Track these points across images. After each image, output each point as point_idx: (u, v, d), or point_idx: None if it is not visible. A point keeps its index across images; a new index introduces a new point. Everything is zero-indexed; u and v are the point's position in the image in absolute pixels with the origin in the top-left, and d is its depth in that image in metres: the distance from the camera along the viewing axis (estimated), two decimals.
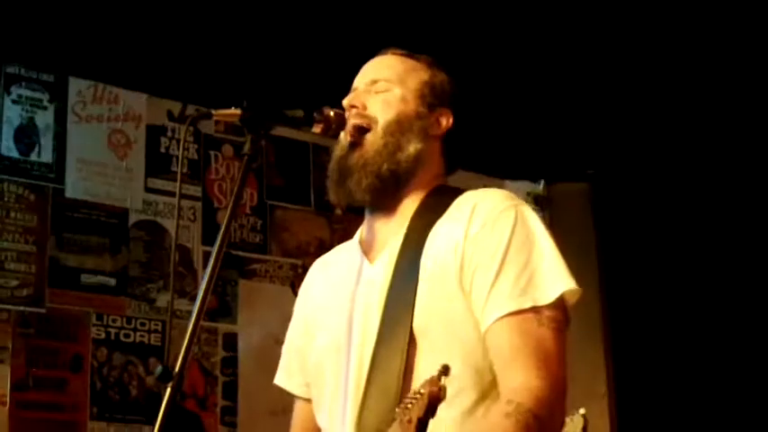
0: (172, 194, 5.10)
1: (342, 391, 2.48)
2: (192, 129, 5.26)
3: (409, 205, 2.57)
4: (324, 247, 5.57)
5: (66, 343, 4.80)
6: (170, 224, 5.08)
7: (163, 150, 5.20)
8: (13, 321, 4.67)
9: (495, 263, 2.37)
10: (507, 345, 2.31)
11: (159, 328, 4.97)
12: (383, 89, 2.60)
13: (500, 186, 3.95)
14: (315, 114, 2.50)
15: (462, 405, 2.34)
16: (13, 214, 4.75)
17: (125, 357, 4.91)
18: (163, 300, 4.97)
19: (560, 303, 2.37)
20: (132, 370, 4.90)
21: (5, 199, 4.75)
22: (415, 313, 2.39)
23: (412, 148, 2.56)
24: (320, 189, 5.80)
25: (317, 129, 2.52)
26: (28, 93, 4.89)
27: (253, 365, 5.24)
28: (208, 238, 5.08)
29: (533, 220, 2.47)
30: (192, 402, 4.95)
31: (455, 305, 2.40)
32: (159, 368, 2.10)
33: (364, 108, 2.57)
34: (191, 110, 5.13)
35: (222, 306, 5.22)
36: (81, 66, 5.00)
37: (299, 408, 2.81)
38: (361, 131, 2.56)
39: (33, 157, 4.85)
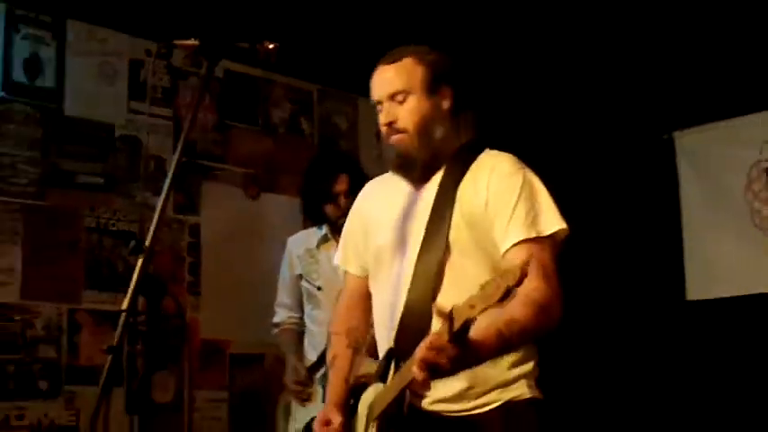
0: (148, 114, 5.11)
1: (395, 274, 2.69)
2: (164, 61, 5.24)
3: (443, 162, 2.74)
4: (269, 158, 5.66)
5: (65, 230, 4.80)
6: (146, 138, 5.09)
7: (142, 80, 5.15)
8: (22, 213, 4.64)
9: (510, 207, 2.59)
10: (520, 260, 2.42)
11: (138, 218, 4.98)
12: (402, 99, 2.69)
13: None
14: (257, 45, 2.52)
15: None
16: (22, 128, 4.72)
17: (112, 241, 4.92)
18: (141, 196, 4.98)
19: (555, 237, 2.61)
20: (117, 252, 4.92)
21: (16, 116, 4.71)
22: (451, 231, 2.61)
23: (438, 133, 2.72)
24: (266, 113, 5.88)
25: (260, 57, 2.54)
26: (34, 31, 4.82)
27: (212, 249, 5.30)
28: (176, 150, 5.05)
29: (534, 179, 2.68)
30: (166, 277, 4.96)
31: (479, 229, 2.61)
32: (132, 242, 2.19)
33: (396, 121, 2.69)
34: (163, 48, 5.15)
35: (188, 203, 5.25)
36: (77, 10, 4.93)
37: (350, 281, 2.99)
38: (401, 142, 2.70)
39: (38, 83, 4.80)
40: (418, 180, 2.76)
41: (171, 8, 4.86)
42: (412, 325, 2.54)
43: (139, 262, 2.18)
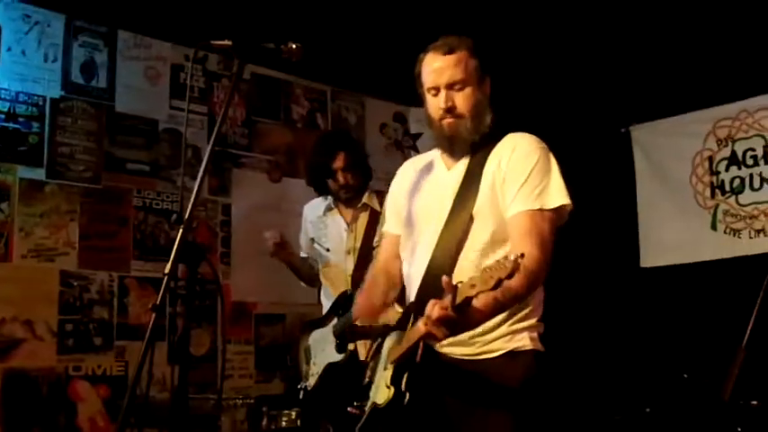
0: (187, 110, 5.05)
1: (424, 239, 2.64)
2: (201, 66, 5.20)
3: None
4: (289, 148, 5.62)
5: (116, 209, 4.77)
6: (185, 130, 5.04)
7: (182, 81, 5.08)
8: (80, 194, 4.63)
9: (522, 178, 2.52)
10: (522, 228, 2.48)
11: (178, 199, 4.92)
12: (460, 88, 2.61)
13: None
14: (282, 46, 2.45)
15: (496, 256, 2.46)
16: (80, 122, 4.68)
17: (156, 218, 4.90)
18: (180, 180, 4.92)
19: (559, 210, 2.54)
20: (160, 227, 4.90)
21: (75, 112, 4.67)
22: (476, 203, 2.55)
23: (487, 119, 2.66)
24: (287, 109, 5.84)
25: (284, 56, 2.47)
26: (89, 39, 4.77)
27: (241, 225, 5.25)
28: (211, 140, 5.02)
29: (551, 158, 2.61)
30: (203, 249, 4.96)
31: (498, 201, 2.54)
32: (174, 215, 2.16)
33: (455, 107, 2.61)
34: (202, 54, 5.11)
35: (221, 186, 5.21)
36: (127, 21, 4.90)
37: (388, 238, 2.90)
38: (456, 124, 2.61)
39: (93, 83, 4.76)
40: (459, 157, 2.69)
41: (206, 21, 4.79)
42: (432, 284, 2.46)
43: (180, 231, 2.13)
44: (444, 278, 2.14)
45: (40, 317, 4.39)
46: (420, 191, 2.77)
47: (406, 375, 2.39)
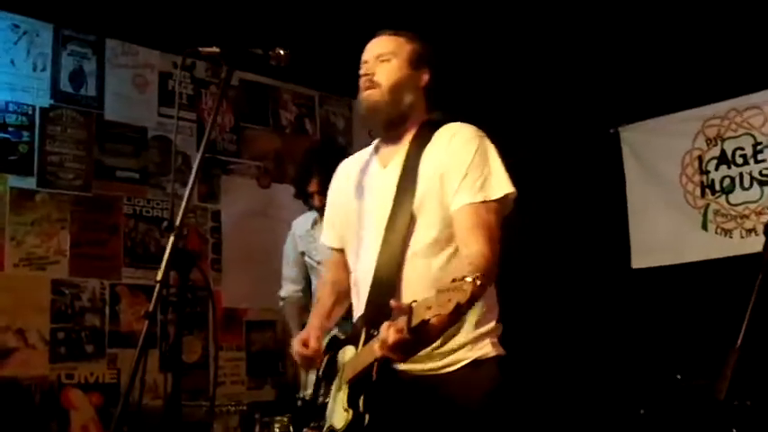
0: (176, 118, 5.12)
1: (367, 242, 2.56)
2: (188, 73, 5.24)
3: (408, 135, 2.61)
4: (278, 154, 5.64)
5: (106, 216, 4.79)
6: (174, 137, 5.08)
7: (170, 88, 5.12)
8: (70, 202, 4.66)
9: (463, 169, 2.45)
10: (467, 223, 2.40)
11: (168, 206, 4.95)
12: (385, 60, 2.59)
13: None
14: (269, 52, 2.46)
15: (444, 254, 2.45)
16: (69, 130, 4.72)
17: (146, 226, 4.92)
18: (170, 187, 4.96)
19: (503, 200, 2.46)
20: (151, 234, 4.92)
21: (64, 121, 4.70)
22: (415, 199, 2.48)
23: (407, 99, 2.59)
24: (275, 115, 5.86)
25: (272, 62, 2.48)
26: (78, 48, 4.81)
27: (231, 231, 5.29)
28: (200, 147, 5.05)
29: (490, 147, 2.53)
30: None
31: (439, 195, 2.48)
32: (165, 222, 2.16)
33: (374, 75, 2.57)
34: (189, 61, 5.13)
35: (210, 192, 5.25)
36: (115, 30, 4.93)
37: (333, 254, 2.85)
38: (373, 93, 2.56)
39: (82, 92, 4.80)
40: (385, 139, 2.66)
41: (194, 28, 4.82)
42: (380, 294, 2.40)
43: (171, 239, 2.15)
44: (393, 303, 2.08)
45: (32, 325, 4.42)
46: (357, 193, 2.68)
47: (362, 397, 2.31)
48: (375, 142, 2.76)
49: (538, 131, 5.82)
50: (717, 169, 5.32)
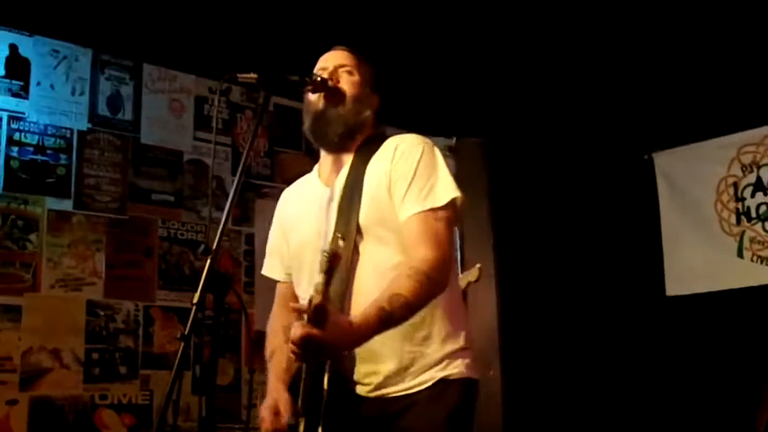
0: (211, 142, 5.14)
1: (315, 266, 2.37)
2: (224, 98, 5.30)
3: (353, 149, 2.60)
4: None
5: (141, 239, 4.84)
6: (209, 161, 5.09)
7: (206, 113, 5.18)
8: (106, 224, 4.71)
9: (408, 178, 2.42)
10: (414, 232, 2.37)
11: (203, 229, 5.01)
12: (349, 72, 2.59)
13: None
14: (306, 78, 2.50)
15: (395, 266, 2.37)
16: (106, 154, 4.78)
17: (180, 248, 4.96)
18: (205, 211, 5.01)
19: (451, 205, 2.42)
20: (185, 257, 4.95)
21: (101, 144, 4.77)
22: (360, 214, 2.43)
23: (365, 114, 2.59)
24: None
25: (309, 88, 2.51)
26: (115, 73, 4.89)
27: (264, 255, 5.32)
28: (235, 171, 5.08)
29: (435, 153, 2.51)
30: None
31: (387, 207, 2.44)
32: (202, 246, 2.18)
33: (338, 83, 2.56)
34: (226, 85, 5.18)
35: (244, 215, 5.25)
36: (152, 55, 5.01)
37: (280, 288, 2.86)
38: (335, 99, 2.55)
39: (119, 116, 4.86)
40: (328, 157, 2.64)
41: (230, 54, 4.89)
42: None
43: (208, 262, 2.18)
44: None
45: (67, 346, 4.47)
46: (301, 219, 2.64)
47: (320, 429, 2.25)
48: (315, 167, 2.76)
49: (573, 157, 5.85)
50: (753, 196, 5.32)
